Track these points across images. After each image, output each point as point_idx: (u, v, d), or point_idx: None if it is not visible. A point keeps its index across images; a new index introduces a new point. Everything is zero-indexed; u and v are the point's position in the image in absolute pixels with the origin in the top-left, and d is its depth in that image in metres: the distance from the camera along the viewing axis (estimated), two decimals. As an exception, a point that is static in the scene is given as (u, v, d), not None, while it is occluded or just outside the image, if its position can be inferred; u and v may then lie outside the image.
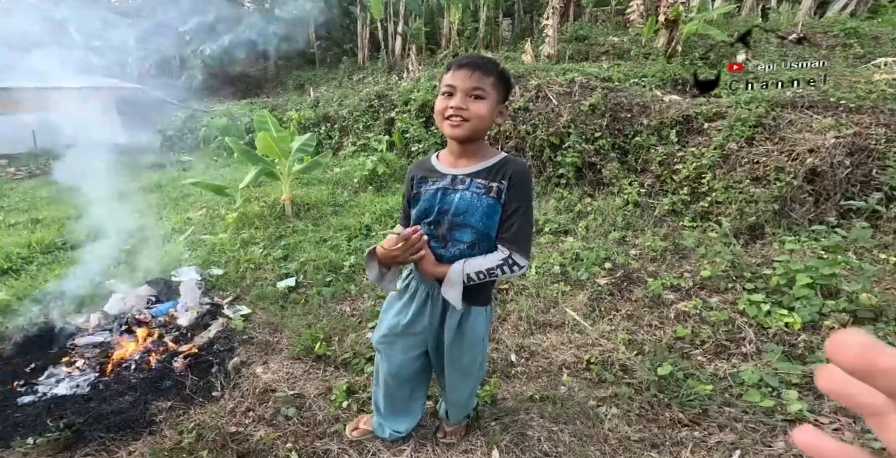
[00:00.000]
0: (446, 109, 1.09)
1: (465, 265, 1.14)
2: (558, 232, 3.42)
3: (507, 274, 1.14)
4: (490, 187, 1.12)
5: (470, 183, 1.14)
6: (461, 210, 1.14)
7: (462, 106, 1.07)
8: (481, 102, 1.09)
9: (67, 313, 2.52)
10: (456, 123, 1.09)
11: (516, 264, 1.13)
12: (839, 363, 0.23)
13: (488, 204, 1.12)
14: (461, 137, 1.11)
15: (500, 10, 9.28)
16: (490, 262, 1.13)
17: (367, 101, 6.40)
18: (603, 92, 4.28)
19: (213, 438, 1.63)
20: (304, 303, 2.64)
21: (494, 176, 1.13)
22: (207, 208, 4.51)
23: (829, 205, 3.05)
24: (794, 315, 2.12)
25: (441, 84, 1.13)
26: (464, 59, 1.10)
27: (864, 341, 0.22)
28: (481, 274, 1.14)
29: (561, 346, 2.17)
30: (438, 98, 1.13)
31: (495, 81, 1.10)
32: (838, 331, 0.24)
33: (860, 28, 5.71)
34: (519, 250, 1.13)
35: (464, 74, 1.07)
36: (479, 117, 1.09)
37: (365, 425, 1.66)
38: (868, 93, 3.56)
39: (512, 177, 1.12)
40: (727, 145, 3.45)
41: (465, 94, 1.08)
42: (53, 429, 1.66)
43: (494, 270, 1.13)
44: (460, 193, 1.14)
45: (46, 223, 4.33)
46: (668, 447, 1.58)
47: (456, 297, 1.15)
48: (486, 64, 1.09)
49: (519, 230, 1.13)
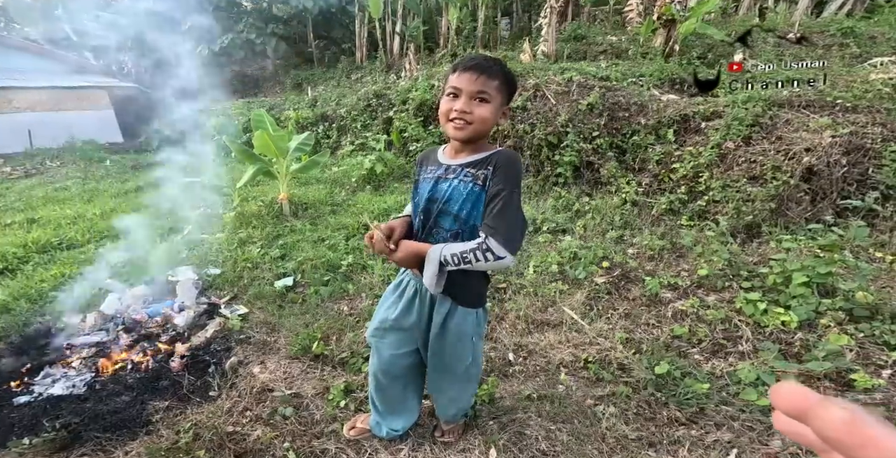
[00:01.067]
0: (451, 112, 1.10)
1: (444, 247, 1.12)
2: (556, 231, 3.42)
3: (482, 262, 1.07)
4: (477, 176, 1.13)
5: (460, 172, 1.15)
6: (447, 197, 1.15)
7: (466, 109, 1.08)
8: (486, 105, 1.09)
9: (63, 314, 2.51)
10: (460, 126, 1.10)
11: (490, 250, 1.05)
12: (780, 409, 0.27)
13: (472, 191, 1.12)
14: (464, 139, 1.13)
15: (498, 9, 9.27)
16: (466, 245, 1.09)
17: (365, 100, 6.40)
18: (601, 91, 4.28)
19: (211, 438, 1.63)
20: (302, 302, 2.63)
21: (483, 165, 1.14)
22: (204, 208, 4.49)
23: (825, 204, 3.06)
24: (790, 314, 2.13)
25: (446, 85, 1.13)
26: (470, 61, 1.09)
27: (795, 390, 0.27)
28: (456, 258, 1.09)
29: (559, 345, 2.17)
30: (443, 99, 1.13)
31: (500, 84, 1.10)
32: (779, 384, 0.28)
33: (857, 28, 5.73)
34: (496, 236, 1.05)
35: (469, 77, 1.07)
36: (483, 121, 1.10)
37: (362, 424, 1.66)
38: (864, 92, 3.57)
39: (496, 162, 1.12)
40: (724, 145, 3.46)
41: (469, 97, 1.08)
42: (50, 429, 1.65)
43: (468, 254, 1.07)
44: (449, 181, 1.16)
45: (42, 223, 4.31)
46: (666, 445, 1.58)
47: (431, 278, 1.12)
48: (492, 67, 1.09)
49: (499, 215, 1.07)
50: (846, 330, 2.03)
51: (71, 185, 6.14)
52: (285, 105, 8.29)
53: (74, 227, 4.14)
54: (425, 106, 5.45)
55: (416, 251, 1.15)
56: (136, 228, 4.02)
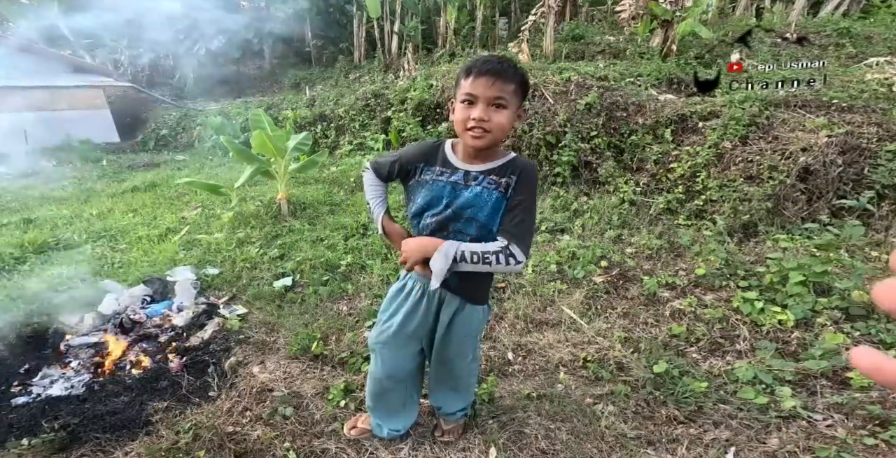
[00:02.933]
0: (468, 120, 1.06)
1: (461, 244, 1.11)
2: (555, 231, 3.43)
3: (503, 265, 1.08)
4: (500, 183, 1.13)
5: (482, 179, 1.14)
6: (470, 204, 1.14)
7: (484, 117, 1.04)
8: (503, 111, 1.06)
9: (61, 314, 2.50)
10: (479, 135, 1.06)
11: (513, 255, 1.08)
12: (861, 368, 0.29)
13: (496, 199, 1.13)
14: (483, 147, 1.10)
15: (496, 9, 9.28)
16: (487, 247, 1.10)
17: (363, 100, 6.39)
18: (599, 91, 4.29)
19: (210, 438, 1.63)
20: (301, 302, 2.63)
21: (505, 172, 1.14)
22: (203, 208, 4.48)
23: (821, 203, 3.08)
24: (787, 313, 2.14)
25: (459, 90, 1.08)
26: (484, 65, 1.04)
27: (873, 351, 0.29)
28: (475, 256, 1.09)
29: (558, 344, 2.18)
30: (458, 106, 1.09)
31: (516, 88, 1.06)
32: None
33: (852, 28, 5.77)
34: (519, 243, 1.09)
35: (485, 83, 1.03)
36: (502, 128, 1.07)
37: (363, 423, 1.66)
38: (860, 92, 3.60)
39: (521, 172, 1.13)
40: (721, 144, 3.48)
41: (486, 103, 1.04)
42: (48, 430, 1.65)
43: (489, 255, 1.08)
44: (471, 188, 1.14)
45: (39, 223, 4.29)
46: (665, 444, 1.59)
47: (440, 270, 1.09)
48: (507, 70, 1.04)
49: (521, 223, 1.12)
50: (842, 329, 2.05)
51: (67, 185, 6.11)
52: (283, 105, 8.27)
53: (71, 227, 4.13)
54: (424, 106, 5.45)
55: (428, 243, 1.14)
56: (133, 228, 4.01)
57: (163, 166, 7.09)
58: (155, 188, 5.57)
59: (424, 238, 1.18)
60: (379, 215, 1.31)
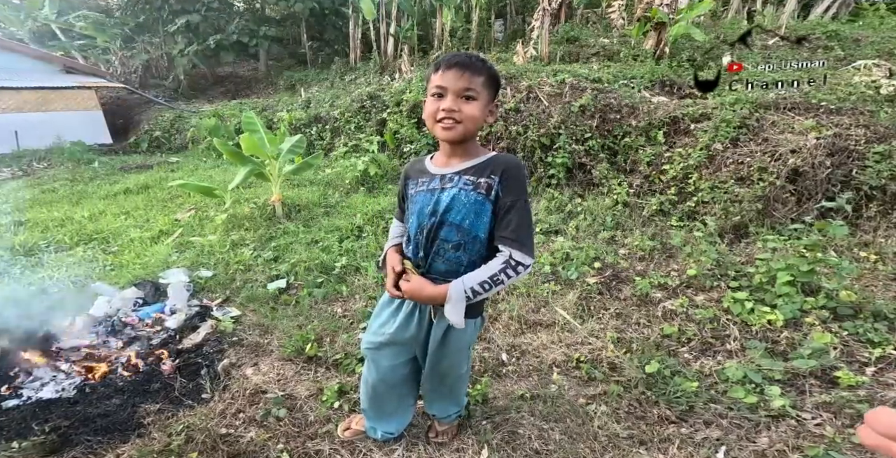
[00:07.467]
0: (437, 112, 1.06)
1: (465, 279, 1.07)
2: (549, 232, 3.45)
3: (514, 277, 1.06)
4: (478, 184, 1.09)
5: (458, 180, 1.11)
6: (448, 208, 1.11)
7: (454, 108, 1.04)
8: (473, 102, 1.06)
9: (52, 317, 2.47)
10: (449, 126, 1.06)
11: (520, 264, 1.05)
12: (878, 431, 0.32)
13: (475, 200, 1.09)
14: (454, 139, 1.09)
15: (492, 11, 9.32)
16: (491, 269, 1.06)
17: (358, 101, 6.39)
18: (593, 93, 4.32)
19: (203, 440, 1.62)
20: (295, 304, 2.63)
21: (483, 172, 1.10)
22: (196, 210, 4.46)
23: (810, 204, 3.12)
24: (776, 312, 2.17)
25: (429, 85, 1.09)
26: (452, 58, 1.06)
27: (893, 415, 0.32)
28: (486, 284, 1.06)
29: (551, 345, 2.19)
30: (428, 100, 1.09)
31: (486, 80, 1.06)
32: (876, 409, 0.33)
33: (841, 31, 5.85)
34: (521, 248, 1.05)
35: (454, 75, 1.04)
36: (472, 119, 1.06)
37: (357, 425, 1.66)
38: (848, 95, 3.65)
39: (504, 171, 1.08)
40: (713, 146, 3.52)
41: (456, 95, 1.05)
42: (39, 433, 1.64)
43: (498, 276, 1.05)
44: (448, 190, 1.12)
45: (30, 225, 4.25)
46: (656, 443, 1.60)
47: (458, 316, 1.08)
48: (476, 63, 1.05)
49: (518, 226, 1.07)
50: (830, 328, 2.08)
51: (59, 186, 6.05)
52: (278, 106, 8.25)
53: (62, 229, 4.09)
54: (419, 108, 5.45)
55: (434, 298, 1.11)
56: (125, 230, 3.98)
57: (156, 168, 7.04)
58: (148, 190, 5.53)
59: (425, 285, 1.13)
60: (386, 249, 1.32)
